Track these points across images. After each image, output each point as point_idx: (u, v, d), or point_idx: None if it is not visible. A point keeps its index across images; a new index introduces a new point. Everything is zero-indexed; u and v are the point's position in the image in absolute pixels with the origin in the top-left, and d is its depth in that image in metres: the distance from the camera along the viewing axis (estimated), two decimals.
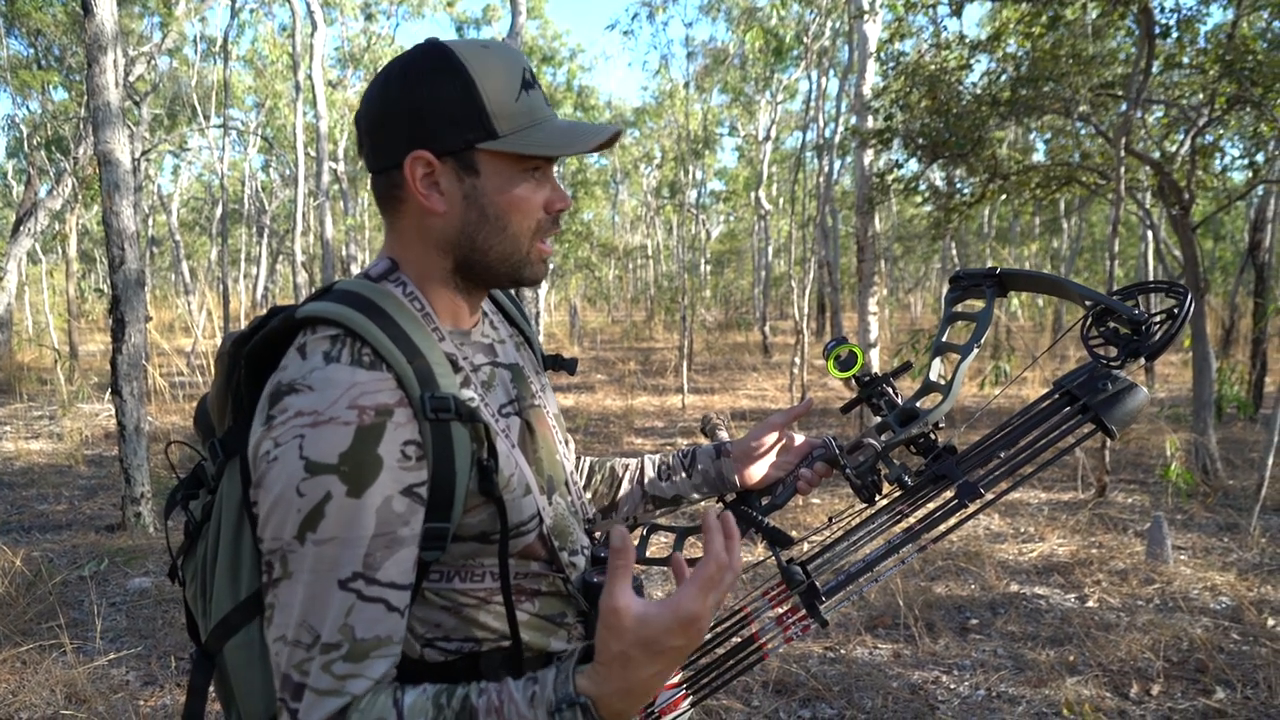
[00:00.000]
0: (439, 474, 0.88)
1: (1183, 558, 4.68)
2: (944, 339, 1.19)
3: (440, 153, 0.93)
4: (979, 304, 1.14)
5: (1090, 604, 4.09)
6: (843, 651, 3.63)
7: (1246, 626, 3.75)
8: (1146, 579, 4.35)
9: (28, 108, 14.60)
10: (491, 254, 0.97)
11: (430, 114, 0.92)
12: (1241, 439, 7.77)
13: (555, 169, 1.05)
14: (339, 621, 0.83)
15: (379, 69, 2.33)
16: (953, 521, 0.92)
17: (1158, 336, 0.98)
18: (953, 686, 3.32)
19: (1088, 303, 1.05)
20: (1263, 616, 3.84)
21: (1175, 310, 0.97)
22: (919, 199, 8.04)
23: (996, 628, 3.85)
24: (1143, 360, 0.96)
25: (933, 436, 1.09)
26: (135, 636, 3.87)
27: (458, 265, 0.98)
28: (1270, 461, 5.02)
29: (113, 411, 6.92)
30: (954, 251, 19.49)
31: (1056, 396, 0.99)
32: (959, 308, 1.21)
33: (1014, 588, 4.31)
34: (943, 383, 1.13)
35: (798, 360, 10.79)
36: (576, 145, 0.93)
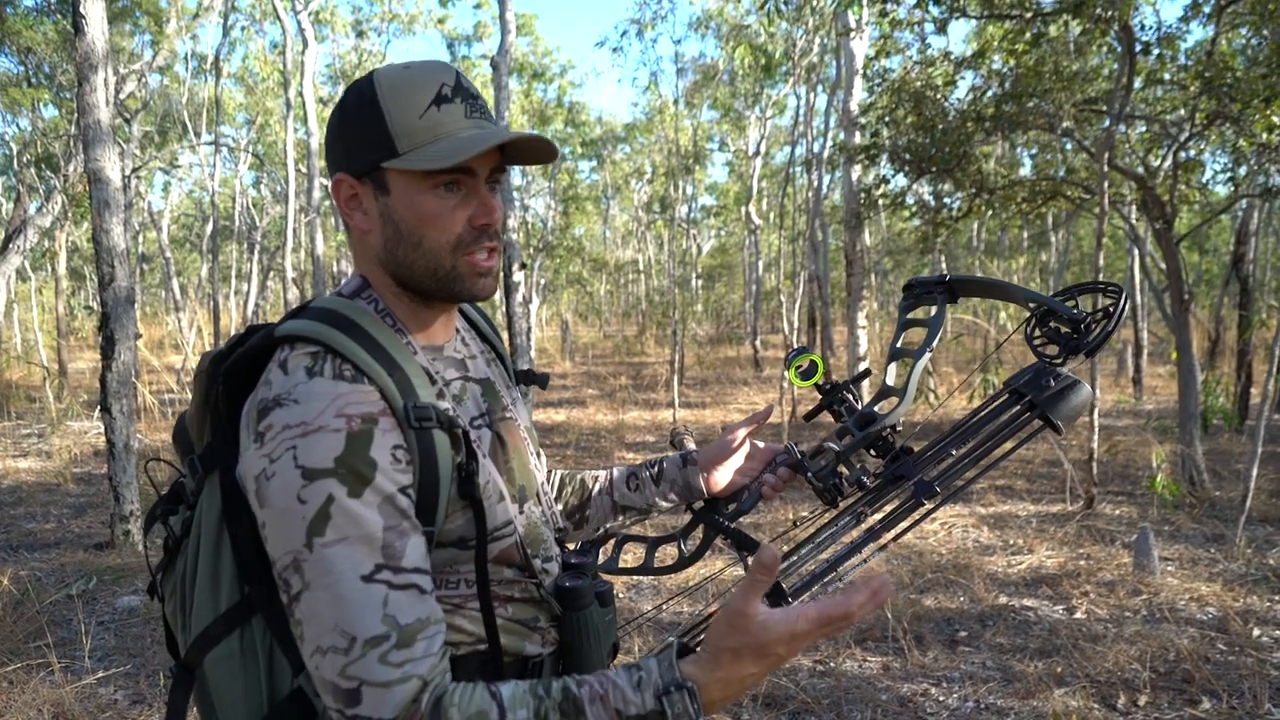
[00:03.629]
0: (424, 480, 0.90)
1: (1169, 569, 4.70)
2: (899, 344, 1.23)
3: (358, 174, 0.97)
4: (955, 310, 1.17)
5: (1078, 615, 4.10)
6: (832, 664, 3.64)
7: (1232, 637, 3.77)
8: (1133, 590, 4.37)
9: (18, 125, 14.64)
10: (416, 269, 0.98)
11: (345, 139, 0.97)
12: (1227, 450, 7.82)
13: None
14: (378, 614, 0.83)
15: None
16: (913, 519, 0.96)
17: (1096, 333, 1.02)
18: (941, 699, 3.33)
19: (1031, 305, 1.10)
20: (1248, 627, 3.86)
21: (1110, 309, 1.02)
22: (907, 213, 8.10)
23: (985, 640, 3.86)
24: (1083, 356, 1.01)
25: (891, 439, 1.12)
26: (124, 655, 3.85)
27: (396, 281, 1.01)
28: (1255, 472, 5.06)
29: (102, 429, 6.90)
30: (943, 265, 19.59)
31: (1006, 396, 1.03)
32: (913, 314, 1.25)
33: (1002, 600, 4.32)
34: (899, 386, 1.16)
35: (788, 374, 10.81)
36: (459, 155, 0.91)
